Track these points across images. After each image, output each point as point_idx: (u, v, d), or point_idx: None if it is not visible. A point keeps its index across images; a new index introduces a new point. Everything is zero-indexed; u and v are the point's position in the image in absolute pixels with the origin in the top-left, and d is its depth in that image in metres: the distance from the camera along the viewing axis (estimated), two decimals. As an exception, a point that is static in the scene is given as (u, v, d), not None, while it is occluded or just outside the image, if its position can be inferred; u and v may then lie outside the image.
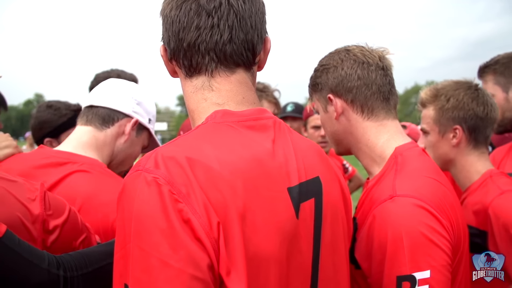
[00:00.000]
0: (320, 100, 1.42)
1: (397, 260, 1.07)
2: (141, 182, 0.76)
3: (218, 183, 0.78)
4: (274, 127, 0.96)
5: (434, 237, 1.09)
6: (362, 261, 1.18)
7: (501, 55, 2.18)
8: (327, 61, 1.38)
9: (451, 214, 1.17)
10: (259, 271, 0.79)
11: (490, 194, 1.54)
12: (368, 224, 1.16)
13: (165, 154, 0.80)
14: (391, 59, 1.38)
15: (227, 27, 0.90)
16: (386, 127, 1.33)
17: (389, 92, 1.34)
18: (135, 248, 0.73)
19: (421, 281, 1.04)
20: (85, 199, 1.38)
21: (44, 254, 1.03)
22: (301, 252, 0.89)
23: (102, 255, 1.16)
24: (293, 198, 0.89)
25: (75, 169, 1.45)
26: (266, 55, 1.03)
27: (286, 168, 0.90)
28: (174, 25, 0.92)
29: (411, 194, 1.14)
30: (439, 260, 1.07)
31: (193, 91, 0.97)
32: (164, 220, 0.73)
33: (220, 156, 0.82)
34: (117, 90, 1.63)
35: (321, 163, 1.03)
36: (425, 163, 1.28)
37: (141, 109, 1.65)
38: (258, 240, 0.80)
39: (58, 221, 1.16)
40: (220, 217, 0.76)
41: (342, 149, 1.45)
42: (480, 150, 1.67)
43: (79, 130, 1.60)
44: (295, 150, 0.96)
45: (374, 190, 1.26)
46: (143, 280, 0.72)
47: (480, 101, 1.63)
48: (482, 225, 1.53)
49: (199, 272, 0.72)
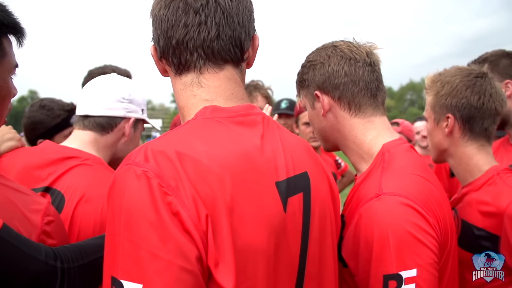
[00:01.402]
0: (307, 97, 1.40)
1: (383, 259, 1.06)
2: (131, 175, 0.78)
3: (206, 177, 0.80)
4: (263, 123, 0.97)
5: (420, 235, 1.08)
6: (349, 260, 1.17)
7: (489, 52, 2.17)
8: (314, 57, 1.37)
9: (438, 211, 1.16)
10: (247, 263, 0.81)
11: (505, 197, 1.44)
12: (354, 222, 1.16)
13: (155, 148, 0.81)
14: (380, 54, 1.37)
15: (214, 24, 0.93)
16: (373, 123, 1.32)
17: (377, 88, 1.33)
18: (124, 240, 0.74)
19: (407, 280, 1.04)
20: (87, 189, 1.42)
21: (40, 247, 1.04)
22: (289, 246, 0.91)
23: (98, 247, 1.17)
24: (281, 192, 0.90)
25: (79, 163, 1.50)
26: (254, 52, 1.05)
27: (274, 163, 0.92)
28: (163, 24, 0.95)
29: (397, 192, 1.13)
30: (426, 259, 1.06)
31: (182, 88, 0.99)
32: (154, 212, 0.74)
33: (209, 150, 0.84)
34: (108, 94, 1.62)
35: (310, 159, 1.05)
36: (412, 160, 1.27)
37: (133, 106, 1.66)
38: (246, 233, 0.81)
39: (53, 241, 1.17)
40: (209, 210, 0.77)
41: (329, 146, 1.44)
42: (479, 143, 1.58)
43: (78, 133, 1.61)
44: (283, 146, 0.97)
45: (361, 187, 1.25)
46: (133, 272, 0.73)
47: (476, 90, 1.53)
48: (494, 228, 1.46)
49: (188, 263, 0.74)
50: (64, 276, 1.04)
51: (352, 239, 1.15)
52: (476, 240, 1.51)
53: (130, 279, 0.73)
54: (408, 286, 1.03)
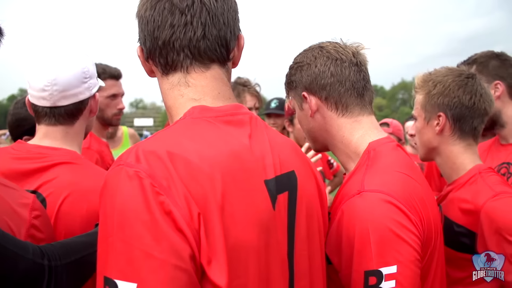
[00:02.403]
0: (295, 98, 1.42)
1: (364, 255, 1.07)
2: (123, 176, 0.78)
3: (198, 176, 0.81)
4: (251, 122, 0.99)
5: (401, 232, 1.08)
6: (332, 256, 1.18)
7: (478, 54, 2.19)
8: (301, 59, 1.39)
9: (421, 209, 1.17)
10: (239, 260, 0.82)
11: (482, 196, 1.49)
12: (337, 219, 1.16)
13: (146, 148, 0.82)
14: (367, 54, 1.38)
15: (200, 24, 0.94)
16: (361, 123, 1.33)
17: (364, 88, 1.34)
18: (118, 241, 0.75)
19: (387, 276, 1.04)
20: (71, 187, 1.40)
21: (27, 245, 1.04)
22: (278, 243, 0.93)
23: (84, 245, 1.18)
24: (269, 190, 0.92)
25: (57, 161, 1.45)
26: (240, 52, 1.07)
27: (263, 162, 0.94)
28: (149, 24, 0.96)
29: (379, 189, 1.13)
30: (407, 256, 1.07)
31: (169, 88, 1.00)
32: (146, 212, 0.75)
33: (200, 150, 0.85)
34: (72, 78, 1.50)
35: (297, 158, 1.07)
36: (398, 158, 1.28)
37: (93, 80, 1.60)
38: (237, 231, 0.83)
39: (42, 235, 1.17)
40: (201, 209, 0.78)
41: (318, 146, 1.45)
42: (466, 142, 1.61)
43: (48, 129, 1.54)
44: (271, 145, 0.99)
45: (346, 185, 1.26)
46: (127, 272, 0.74)
47: (468, 90, 1.57)
48: (472, 225, 1.50)
49: (182, 262, 0.75)
50: (52, 273, 1.05)
51: (335, 236, 1.16)
52: (456, 237, 1.54)
53: (124, 279, 0.73)
54: (388, 282, 1.04)
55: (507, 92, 2.11)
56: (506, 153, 2.13)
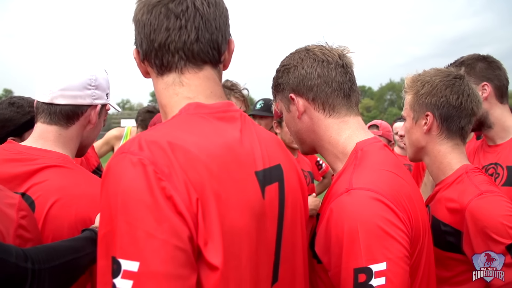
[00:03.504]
0: (282, 100, 1.43)
1: (353, 253, 1.07)
2: (126, 163, 0.84)
3: (196, 165, 0.87)
4: (241, 118, 1.08)
5: (390, 229, 1.09)
6: (322, 255, 1.19)
7: (465, 56, 2.23)
8: (288, 61, 1.40)
9: (409, 207, 1.18)
10: (233, 244, 0.89)
11: (468, 194, 1.50)
12: (326, 218, 1.17)
13: (148, 138, 0.88)
14: (352, 57, 1.40)
15: (194, 28, 1.02)
16: (347, 123, 1.34)
17: (350, 89, 1.36)
18: (122, 222, 0.80)
19: (377, 273, 1.04)
20: (60, 191, 1.39)
21: (11, 248, 1.03)
22: (267, 230, 1.01)
23: (69, 249, 1.18)
24: (259, 181, 1.01)
25: (47, 164, 1.44)
26: (230, 55, 1.15)
27: (253, 155, 1.02)
28: (145, 28, 1.03)
29: (366, 187, 1.14)
30: (396, 252, 1.07)
31: (164, 87, 1.07)
32: (149, 196, 0.81)
33: (197, 141, 0.92)
34: (75, 80, 1.53)
35: (281, 152, 1.17)
36: (385, 157, 1.29)
37: (99, 92, 1.60)
38: (231, 216, 0.90)
39: (29, 235, 1.17)
40: (199, 194, 0.85)
41: (306, 148, 1.46)
42: (453, 141, 1.64)
43: (42, 128, 1.54)
44: (259, 140, 1.08)
45: (334, 185, 1.27)
46: (130, 251, 0.79)
47: (455, 90, 1.60)
48: (457, 224, 1.51)
49: (181, 242, 0.81)
50: (35, 277, 1.04)
51: (324, 234, 1.17)
52: (442, 235, 1.56)
53: (127, 258, 0.78)
54: (378, 279, 1.04)
55: (494, 94, 2.15)
56: (494, 154, 2.17)
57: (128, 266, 0.78)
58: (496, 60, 2.20)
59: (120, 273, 0.78)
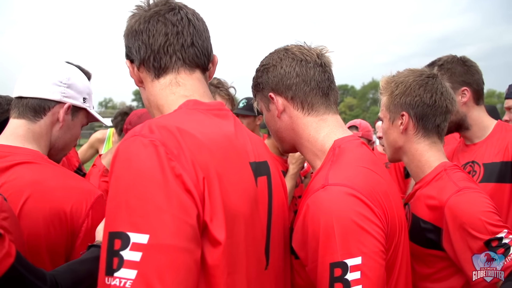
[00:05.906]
0: (262, 100, 1.45)
1: (329, 247, 1.09)
2: (138, 144, 0.90)
3: (201, 148, 0.96)
4: (233, 117, 1.20)
5: (365, 224, 1.11)
6: (299, 251, 1.20)
7: (444, 58, 2.26)
8: (267, 61, 1.42)
9: (385, 203, 1.20)
10: (234, 222, 0.97)
11: (447, 191, 1.52)
12: (303, 213, 1.19)
13: (158, 124, 0.95)
14: (331, 57, 1.43)
15: (189, 34, 1.15)
16: (326, 121, 1.37)
17: (328, 88, 1.38)
18: (132, 197, 0.85)
19: (352, 268, 1.06)
20: (33, 186, 1.39)
21: (45, 274, 1.08)
22: (259, 215, 1.11)
23: (88, 273, 1.23)
24: (253, 171, 1.12)
25: (17, 161, 1.43)
26: (214, 67, 1.27)
27: (245, 148, 1.13)
28: (143, 34, 1.14)
29: (342, 182, 1.16)
30: (371, 247, 1.09)
31: (161, 89, 1.16)
32: (161, 173, 0.87)
33: (200, 129, 1.00)
34: (45, 76, 1.57)
35: (266, 152, 1.29)
36: (362, 154, 1.31)
37: (72, 91, 1.61)
38: (231, 198, 0.98)
39: (11, 236, 1.15)
40: (205, 174, 0.92)
41: (286, 147, 1.48)
42: (430, 140, 1.66)
43: (13, 124, 1.55)
44: (249, 137, 1.20)
45: (312, 182, 1.29)
46: (140, 224, 0.83)
47: (428, 88, 1.62)
48: (437, 221, 1.53)
49: (189, 218, 0.87)
50: None
51: (301, 230, 1.18)
52: (422, 233, 1.58)
53: (137, 231, 0.82)
54: (353, 274, 1.05)
55: (472, 97, 2.21)
56: (471, 153, 2.23)
57: (137, 239, 0.81)
58: (474, 64, 2.24)
59: (128, 245, 0.81)
